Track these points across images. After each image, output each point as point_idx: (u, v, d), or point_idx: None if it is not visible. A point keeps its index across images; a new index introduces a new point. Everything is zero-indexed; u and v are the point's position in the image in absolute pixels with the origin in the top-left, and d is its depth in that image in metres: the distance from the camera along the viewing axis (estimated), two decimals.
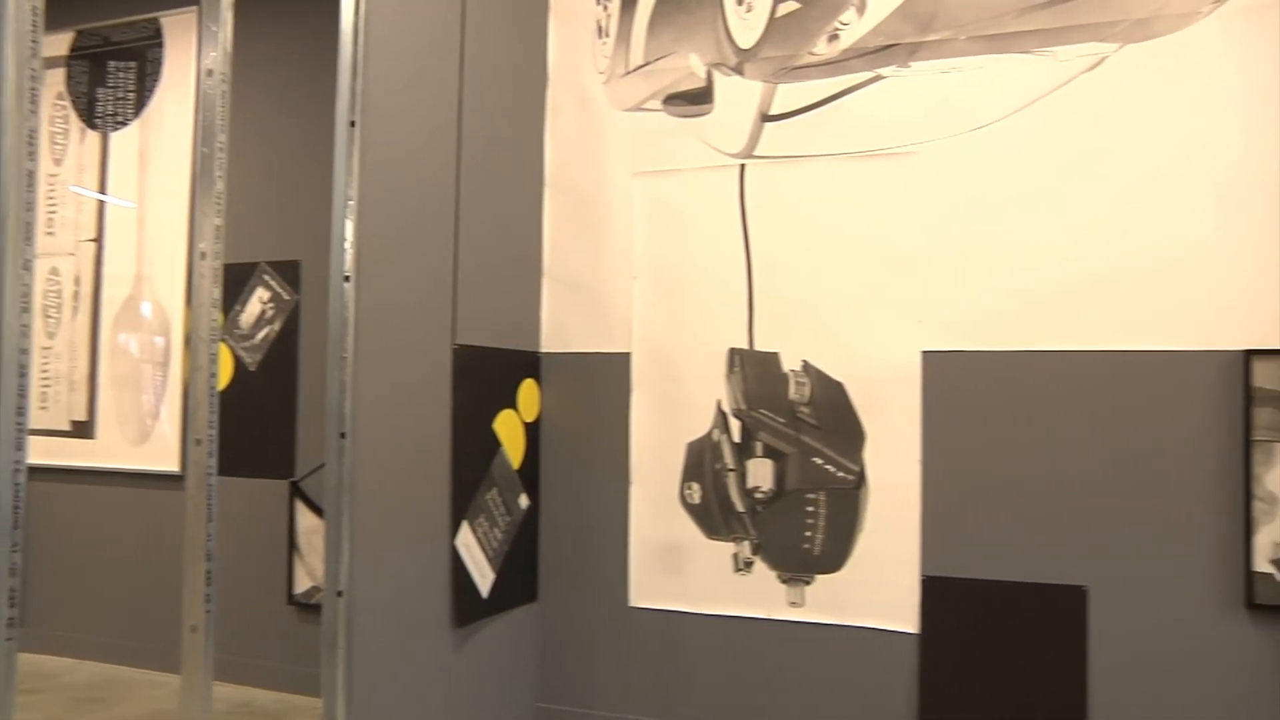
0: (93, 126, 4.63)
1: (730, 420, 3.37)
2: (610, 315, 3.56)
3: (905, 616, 3.15)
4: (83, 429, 4.58)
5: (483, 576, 3.26)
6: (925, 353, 3.14)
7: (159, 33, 4.51)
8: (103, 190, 4.60)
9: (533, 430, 3.58)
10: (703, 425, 3.41)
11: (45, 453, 4.54)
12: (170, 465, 4.38)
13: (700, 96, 3.45)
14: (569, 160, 3.66)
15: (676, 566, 3.40)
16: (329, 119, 2.70)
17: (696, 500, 3.40)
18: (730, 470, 3.36)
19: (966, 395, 3.10)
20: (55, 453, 4.58)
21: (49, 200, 4.68)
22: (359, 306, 2.69)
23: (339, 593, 2.64)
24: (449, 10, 3.13)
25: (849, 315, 3.23)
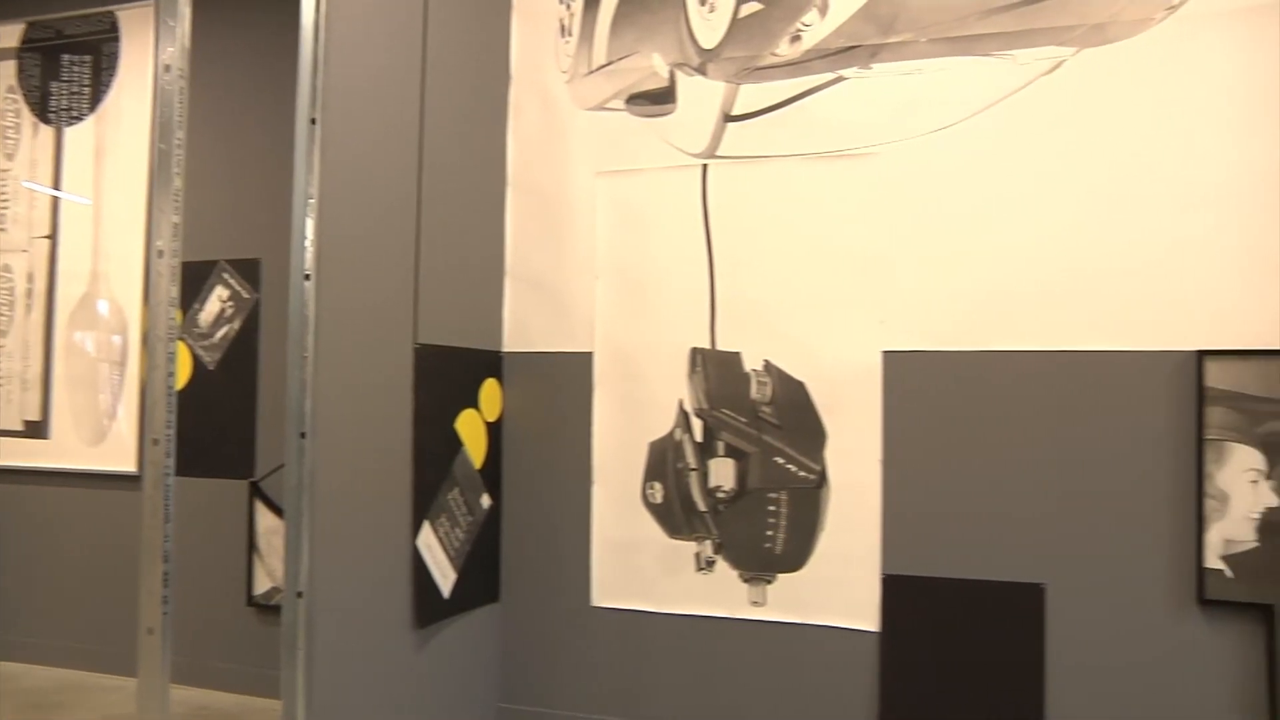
0: (46, 121, 4.56)
1: (692, 420, 3.37)
2: (572, 315, 3.55)
3: (866, 615, 3.17)
4: (36, 429, 4.51)
5: (444, 577, 3.25)
6: (886, 353, 3.16)
7: (115, 26, 4.44)
8: (57, 186, 4.53)
9: (495, 430, 3.57)
10: (665, 425, 3.41)
11: None
12: (127, 465, 4.32)
13: (663, 96, 3.45)
14: (531, 159, 3.65)
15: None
16: (289, 116, 2.67)
17: (659, 500, 3.41)
18: (692, 470, 3.37)
19: (927, 395, 3.13)
20: (8, 453, 4.51)
21: (0, 195, 4.60)
22: (319, 305, 2.67)
23: (299, 594, 2.62)
24: (411, 8, 3.11)
25: (810, 315, 3.25)
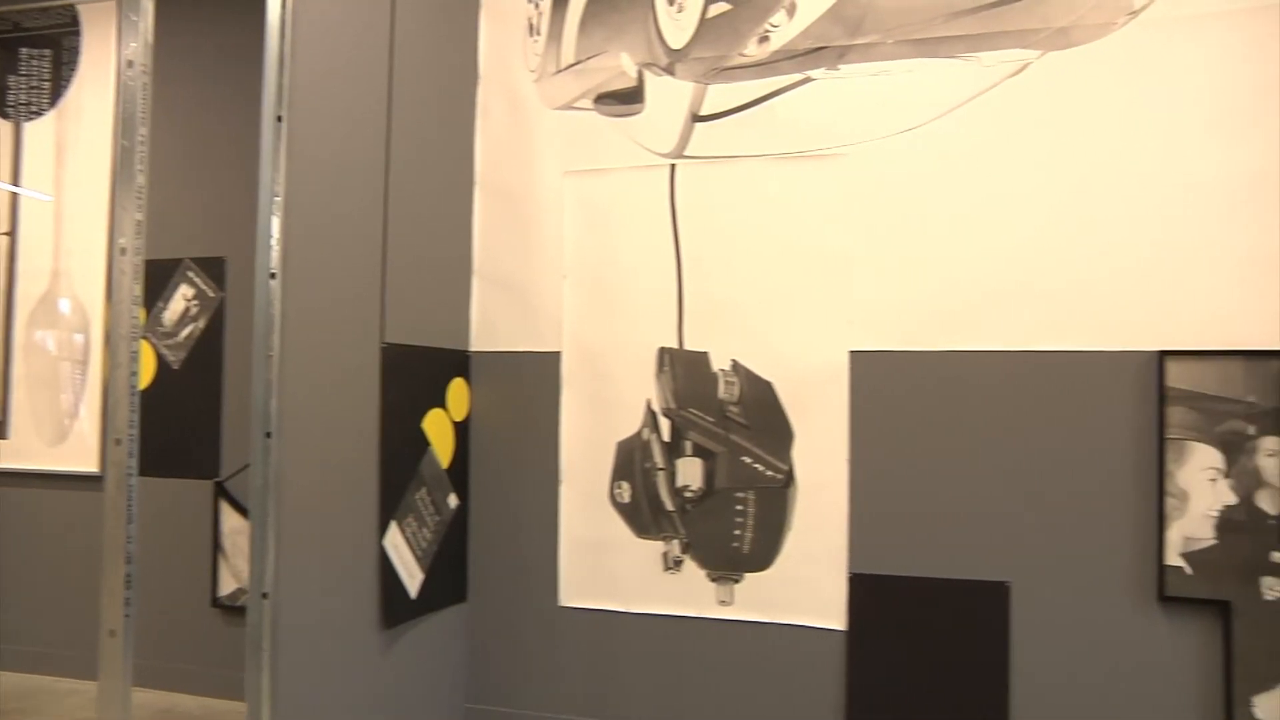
0: (4, 116, 4.49)
1: (660, 419, 3.38)
2: (540, 314, 3.54)
3: (833, 613, 3.18)
4: None
5: (411, 577, 3.23)
6: (853, 352, 3.18)
7: (76, 20, 4.39)
8: (16, 182, 4.47)
9: (462, 430, 3.56)
10: (632, 424, 3.41)
11: None
12: (89, 466, 4.27)
13: (631, 96, 3.45)
14: (499, 158, 3.64)
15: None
16: (255, 113, 2.65)
17: (626, 499, 3.41)
18: (660, 469, 3.37)
19: (893, 395, 3.14)
20: None
21: None
22: (285, 304, 2.65)
23: (264, 594, 2.60)
24: (378, 6, 3.09)
25: (778, 315, 3.26)
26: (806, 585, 3.21)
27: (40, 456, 4.36)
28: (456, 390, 3.52)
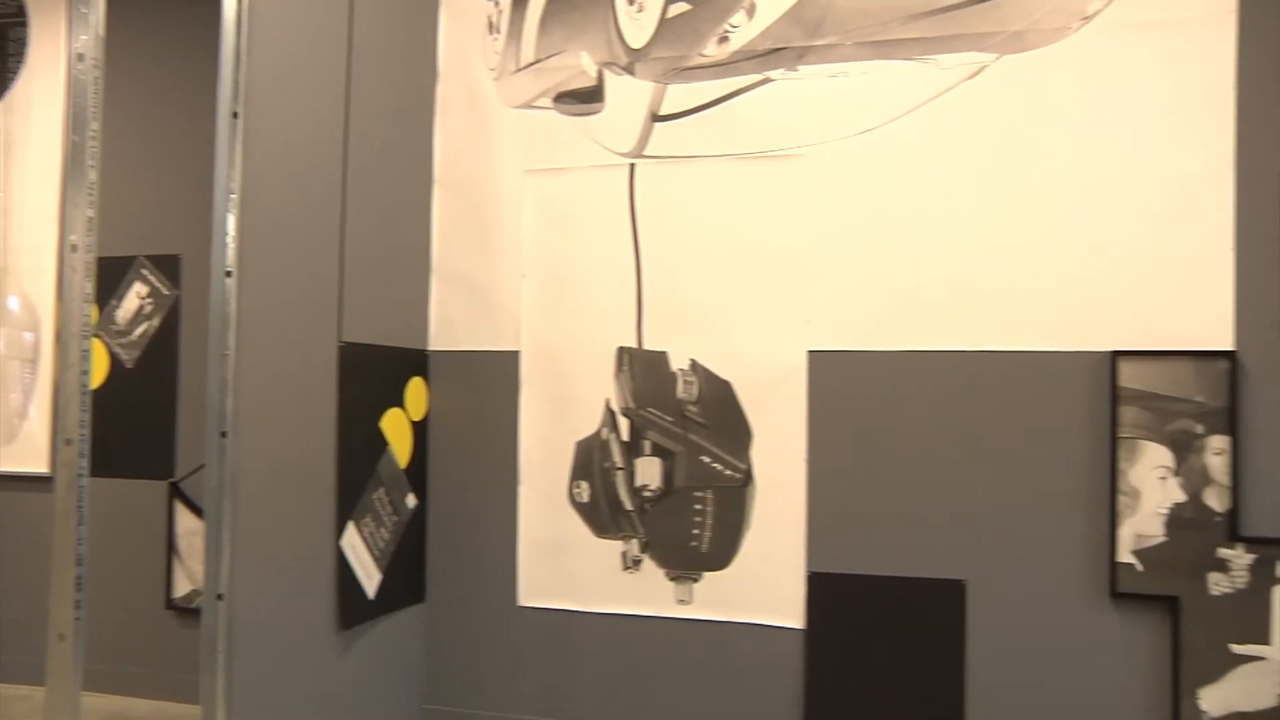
0: None
1: (619, 419, 3.38)
2: (499, 313, 3.53)
3: (791, 612, 3.20)
4: None
5: (369, 577, 3.21)
6: (811, 352, 3.20)
7: (22, 10, 4.30)
8: None
9: (420, 429, 3.54)
10: (591, 424, 3.41)
11: None
12: (39, 467, 4.19)
13: (591, 95, 3.45)
14: (458, 157, 3.62)
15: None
16: (210, 108, 2.61)
17: (585, 499, 3.41)
18: (619, 469, 3.37)
19: (851, 394, 3.17)
20: None
21: None
22: (241, 302, 2.62)
23: (219, 596, 2.57)
24: (336, 1, 3.07)
25: (737, 315, 3.27)
26: (765, 584, 3.22)
27: None
28: (415, 389, 3.50)
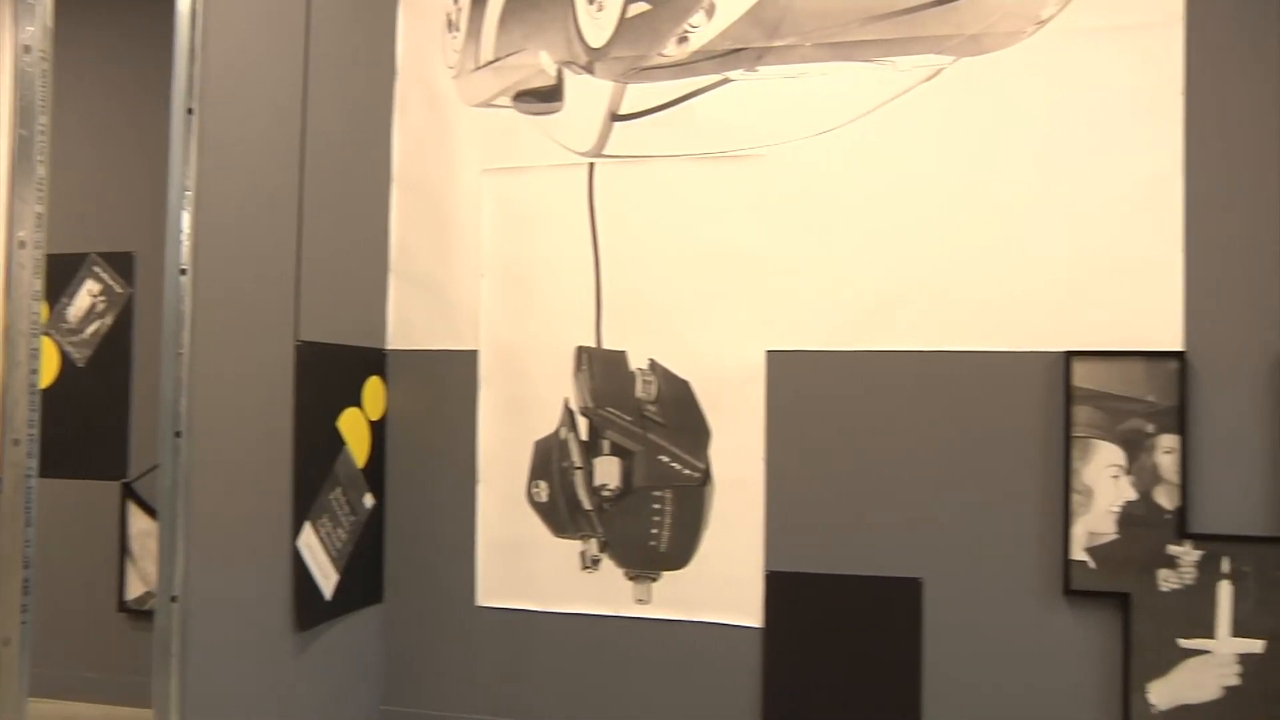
0: None
1: (578, 418, 3.37)
2: (457, 312, 3.52)
3: (749, 611, 3.21)
4: None
5: (326, 578, 3.19)
6: (770, 352, 3.21)
7: None
8: None
9: (378, 429, 3.52)
10: (550, 423, 3.41)
11: None
12: None
13: (550, 94, 3.44)
14: (417, 155, 3.60)
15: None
16: (164, 103, 2.58)
17: (544, 498, 3.40)
18: (577, 468, 3.37)
19: (809, 394, 3.18)
20: None
21: None
22: (196, 301, 2.59)
23: (173, 598, 2.54)
24: None
25: (695, 314, 3.28)
26: (723, 583, 3.23)
27: None
28: (372, 389, 3.48)
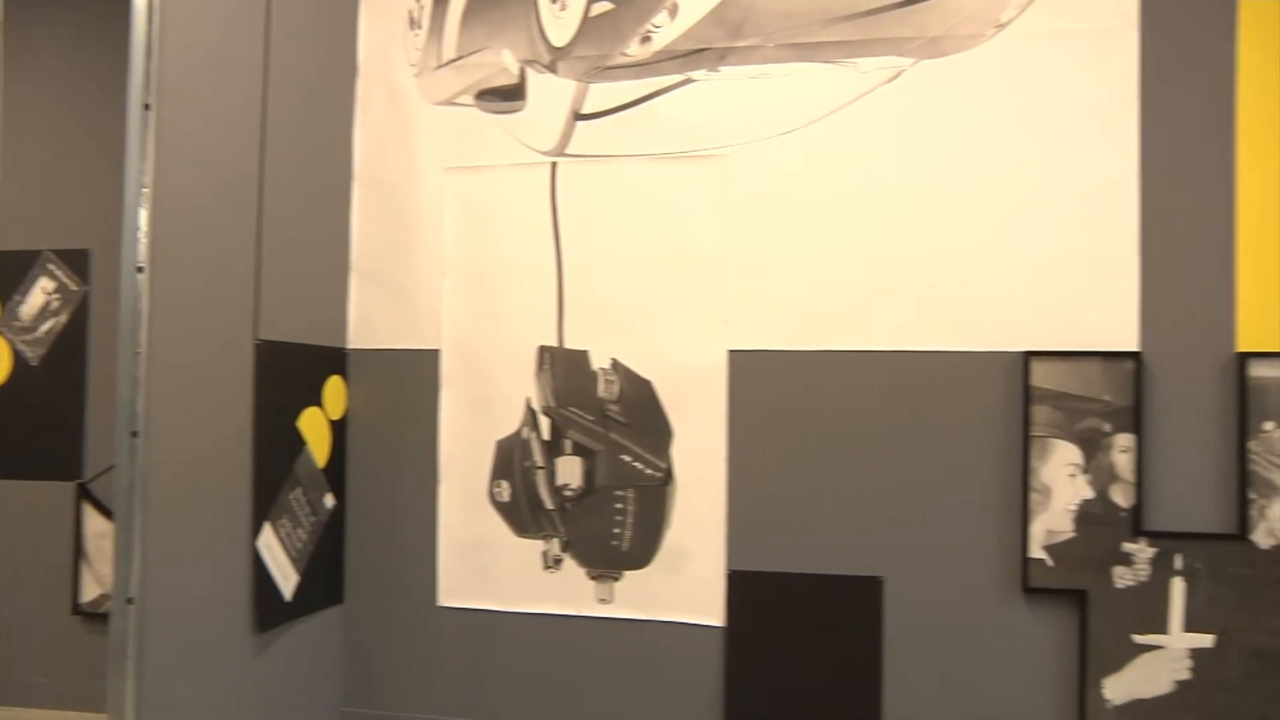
0: None
1: (540, 418, 3.37)
2: (419, 311, 3.50)
3: (711, 610, 3.22)
4: None
5: (286, 579, 3.16)
6: (731, 352, 3.23)
7: None
8: None
9: (339, 428, 3.49)
10: (512, 423, 3.40)
11: None
12: None
13: (513, 93, 3.43)
14: (378, 153, 3.58)
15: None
16: (121, 99, 2.55)
17: (506, 498, 3.39)
18: (539, 468, 3.36)
19: (771, 394, 3.20)
20: None
21: None
22: (154, 299, 2.56)
23: (129, 600, 2.51)
24: None
25: (658, 314, 3.28)
26: (685, 582, 3.24)
27: None
28: (333, 388, 3.46)
